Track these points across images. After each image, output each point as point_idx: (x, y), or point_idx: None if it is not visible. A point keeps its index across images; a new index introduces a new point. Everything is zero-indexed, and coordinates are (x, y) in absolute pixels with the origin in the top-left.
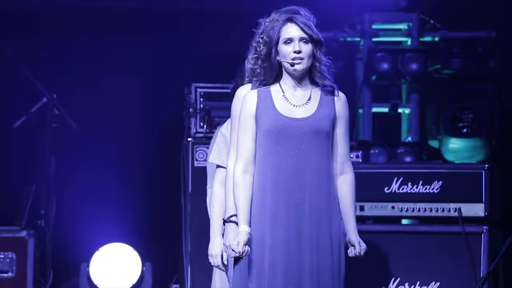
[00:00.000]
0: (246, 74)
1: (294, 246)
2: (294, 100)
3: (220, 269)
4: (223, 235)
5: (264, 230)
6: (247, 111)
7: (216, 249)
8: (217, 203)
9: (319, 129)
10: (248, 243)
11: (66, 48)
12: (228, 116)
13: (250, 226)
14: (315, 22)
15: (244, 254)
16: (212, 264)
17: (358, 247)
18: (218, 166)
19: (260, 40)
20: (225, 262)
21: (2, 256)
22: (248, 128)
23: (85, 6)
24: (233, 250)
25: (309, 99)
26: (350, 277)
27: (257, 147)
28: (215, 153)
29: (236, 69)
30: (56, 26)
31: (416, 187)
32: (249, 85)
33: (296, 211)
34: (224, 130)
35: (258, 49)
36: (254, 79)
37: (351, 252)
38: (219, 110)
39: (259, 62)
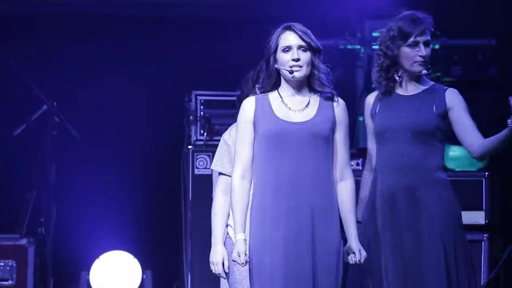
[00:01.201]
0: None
1: (293, 251)
2: (293, 105)
3: (221, 277)
4: (225, 243)
5: (264, 235)
6: (245, 117)
7: (217, 257)
8: (219, 210)
9: (318, 133)
10: (246, 249)
11: (66, 54)
12: (229, 124)
13: (249, 231)
14: (432, 25)
15: (247, 263)
16: (214, 271)
17: (358, 254)
18: (220, 174)
19: (380, 52)
20: (226, 270)
21: (2, 264)
22: (246, 134)
23: (85, 13)
24: (233, 261)
25: (307, 105)
26: (349, 283)
27: (256, 152)
28: (217, 160)
29: (236, 77)
30: (56, 33)
31: None
32: (253, 97)
33: (295, 216)
34: (226, 137)
35: (379, 61)
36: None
37: (351, 259)
38: (219, 118)
39: (383, 73)
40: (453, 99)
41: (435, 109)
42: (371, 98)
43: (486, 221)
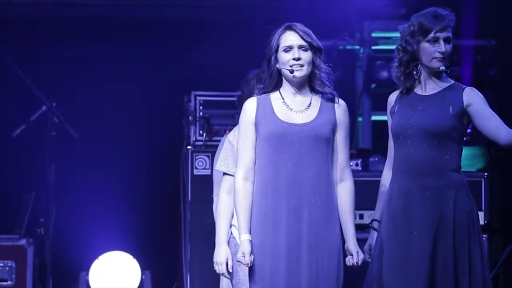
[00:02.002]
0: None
1: (294, 252)
2: (294, 106)
3: (225, 276)
4: (228, 243)
5: (265, 236)
6: (247, 118)
7: (221, 257)
8: (223, 210)
9: (319, 135)
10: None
11: (66, 55)
12: (228, 124)
13: (250, 233)
14: (454, 22)
15: (251, 264)
16: (217, 271)
17: (356, 256)
18: (224, 174)
19: (400, 47)
20: (230, 270)
21: (1, 264)
22: (248, 135)
23: (85, 15)
24: (238, 261)
25: (309, 106)
26: (350, 285)
27: (257, 153)
28: (222, 161)
29: (235, 78)
30: (56, 34)
31: None
32: (255, 98)
33: (296, 217)
34: (231, 137)
35: (398, 56)
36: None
37: (349, 261)
38: (218, 118)
39: (402, 69)
40: (471, 96)
41: (452, 110)
42: (392, 97)
43: (486, 222)
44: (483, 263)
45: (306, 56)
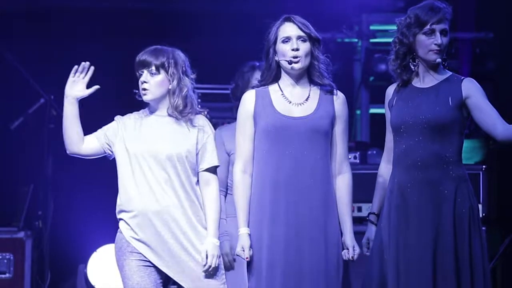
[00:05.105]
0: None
1: (292, 246)
2: (293, 99)
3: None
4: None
5: (262, 230)
6: (245, 111)
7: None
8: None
9: (318, 128)
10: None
11: (65, 48)
12: (226, 117)
13: (248, 226)
14: (450, 15)
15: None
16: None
17: (352, 251)
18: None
19: (396, 39)
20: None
21: None
22: (247, 128)
23: (83, 7)
24: (237, 255)
25: (307, 98)
26: (348, 278)
27: (256, 146)
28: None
29: (234, 71)
30: (54, 27)
31: None
32: (254, 90)
33: (295, 211)
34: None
35: (394, 48)
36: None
37: (345, 255)
38: (216, 111)
39: (398, 61)
40: (470, 87)
41: (451, 101)
42: (390, 90)
43: (483, 214)
44: (483, 256)
45: (305, 47)
